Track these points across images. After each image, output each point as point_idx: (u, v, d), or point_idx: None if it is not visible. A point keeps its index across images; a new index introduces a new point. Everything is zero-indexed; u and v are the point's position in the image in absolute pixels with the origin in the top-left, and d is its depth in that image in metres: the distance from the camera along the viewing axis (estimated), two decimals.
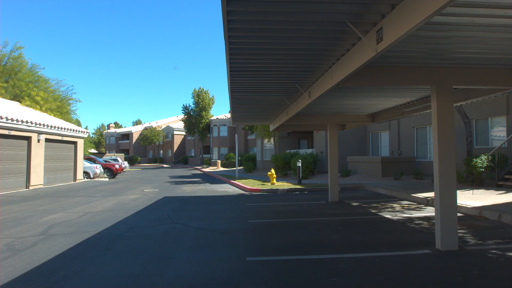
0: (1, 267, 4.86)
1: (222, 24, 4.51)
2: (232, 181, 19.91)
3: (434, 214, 6.43)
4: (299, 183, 16.91)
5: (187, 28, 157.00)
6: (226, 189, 16.76)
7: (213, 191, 15.80)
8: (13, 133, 15.45)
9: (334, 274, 4.53)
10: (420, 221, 7.96)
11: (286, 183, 17.36)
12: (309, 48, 5.62)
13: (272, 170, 17.39)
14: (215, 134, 46.88)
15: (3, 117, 14.46)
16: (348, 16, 4.35)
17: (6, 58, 26.89)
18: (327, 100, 9.58)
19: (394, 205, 10.58)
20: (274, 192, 14.93)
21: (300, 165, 17.36)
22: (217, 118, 46.91)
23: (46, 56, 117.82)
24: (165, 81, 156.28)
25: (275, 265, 4.98)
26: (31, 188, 16.56)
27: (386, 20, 4.20)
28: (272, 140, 28.13)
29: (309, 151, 24.18)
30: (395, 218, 8.45)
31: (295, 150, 24.87)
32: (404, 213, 9.13)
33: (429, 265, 4.90)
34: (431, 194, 11.06)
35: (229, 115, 46.22)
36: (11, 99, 24.00)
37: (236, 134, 23.78)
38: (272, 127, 16.06)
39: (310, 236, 6.75)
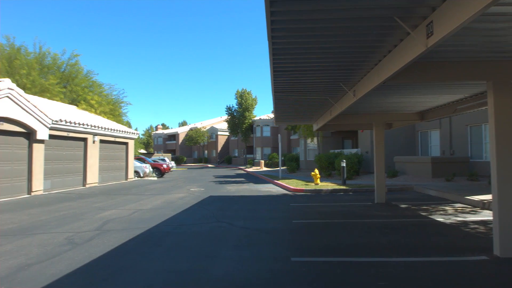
0: (63, 259, 5.24)
1: (265, 25, 4.55)
2: (275, 181, 19.93)
3: (491, 218, 6.03)
4: (344, 184, 16.56)
5: (231, 29, 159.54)
6: (269, 189, 16.82)
7: (257, 191, 15.92)
8: (71, 134, 16.59)
9: (381, 279, 4.39)
10: (476, 225, 7.49)
11: (330, 184, 17.09)
12: (354, 45, 5.50)
13: (316, 170, 17.19)
14: (258, 134, 47.19)
15: (62, 120, 15.58)
16: (396, 11, 4.21)
17: (65, 65, 28.94)
18: (373, 99, 9.31)
19: (446, 207, 10.04)
20: (318, 192, 14.76)
21: (344, 165, 17.01)
22: (260, 118, 47.20)
23: (97, 60, 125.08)
24: (209, 83, 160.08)
25: (320, 266, 4.92)
26: (87, 186, 17.69)
27: (436, 13, 4.01)
28: (315, 140, 27.80)
29: (354, 151, 23.60)
30: (448, 221, 8.01)
31: (339, 150, 24.41)
32: (458, 216, 8.63)
33: (487, 272, 4.60)
34: (487, 197, 10.35)
35: (272, 115, 46.33)
36: (69, 103, 25.79)
37: (279, 134, 23.77)
38: (315, 127, 15.88)
39: (355, 238, 6.60)
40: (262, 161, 39.60)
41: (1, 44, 26.20)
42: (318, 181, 16.94)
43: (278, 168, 23.60)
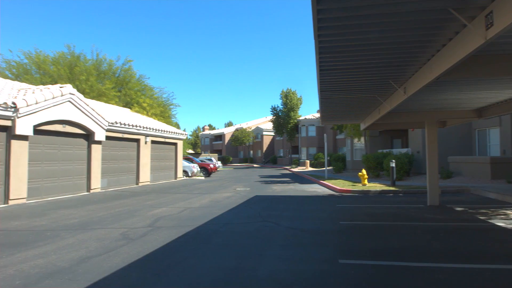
0: (119, 253, 5.56)
1: (311, 23, 4.51)
2: (321, 181, 19.66)
3: None
4: (393, 185, 15.95)
5: (276, 29, 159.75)
6: (315, 189, 16.63)
7: (303, 191, 15.81)
8: (125, 136, 17.54)
9: (435, 285, 4.18)
10: None
11: (378, 185, 16.53)
12: (404, 41, 5.29)
13: (363, 171, 16.72)
14: (303, 134, 46.83)
15: (117, 122, 16.52)
16: (451, 2, 3.99)
17: (119, 70, 30.72)
18: (424, 96, 8.87)
19: (508, 212, 9.32)
20: (365, 193, 14.34)
21: (394, 165, 16.37)
22: (305, 118, 46.82)
23: (148, 64, 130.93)
24: (255, 83, 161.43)
25: (369, 269, 4.79)
26: (140, 184, 18.60)
27: (497, 2, 3.74)
28: (362, 139, 27.04)
29: (404, 150, 22.62)
30: (510, 226, 7.43)
31: (387, 150, 23.53)
32: None
33: None
34: None
35: (317, 115, 45.77)
36: (123, 106, 27.30)
37: (324, 134, 23.41)
38: (362, 126, 15.45)
39: (406, 242, 6.34)
40: (308, 161, 39.23)
41: (63, 53, 28.36)
42: (366, 181, 16.47)
43: (324, 168, 23.25)
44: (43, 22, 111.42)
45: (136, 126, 18.06)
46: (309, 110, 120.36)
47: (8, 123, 10.93)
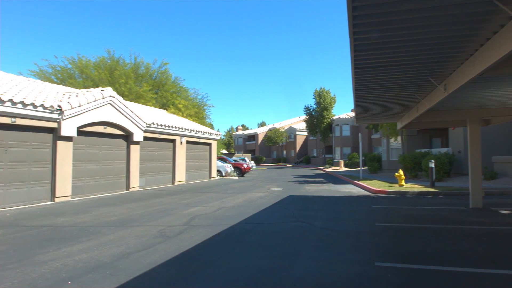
0: (156, 250, 5.74)
1: (346, 20, 4.44)
2: (356, 181, 19.28)
3: None
4: (432, 186, 15.33)
5: (310, 28, 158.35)
6: (350, 189, 16.32)
7: (337, 191, 15.57)
8: (162, 136, 18.06)
9: None
10: None
11: (416, 185, 15.97)
12: (444, 35, 5.08)
13: (400, 171, 16.21)
14: (337, 133, 46.12)
15: (154, 123, 17.05)
16: None
17: (156, 73, 31.75)
18: (467, 93, 8.46)
19: None
20: (402, 194, 13.89)
21: (433, 165, 15.73)
22: (339, 117, 46.08)
23: (182, 66, 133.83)
24: (288, 83, 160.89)
25: (407, 273, 4.64)
26: (175, 184, 19.09)
27: None
28: (399, 138, 26.22)
29: (443, 150, 21.67)
30: None
31: (426, 150, 22.64)
32: None
33: None
34: None
35: (351, 114, 44.88)
36: (160, 107, 28.15)
37: (359, 133, 22.92)
38: (399, 125, 14.97)
39: (447, 245, 6.08)
40: (342, 161, 38.57)
41: (103, 57, 29.69)
42: (403, 182, 15.96)
43: (359, 168, 22.76)
44: (85, 27, 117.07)
45: (172, 127, 18.54)
46: (343, 109, 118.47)
47: (54, 125, 11.58)
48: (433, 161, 15.99)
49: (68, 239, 6.41)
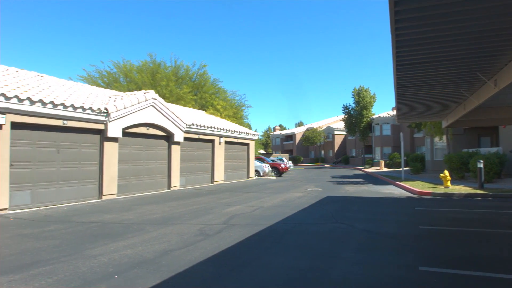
0: (197, 248, 5.89)
1: (386, 16, 4.33)
2: (397, 182, 18.63)
3: None
4: (481, 188, 14.48)
5: (347, 26, 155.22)
6: (391, 190, 15.81)
7: (377, 192, 15.14)
8: (201, 137, 18.48)
9: None
10: None
11: (463, 187, 15.16)
12: (495, 28, 4.80)
13: (446, 172, 15.45)
14: (377, 133, 44.86)
15: (194, 124, 17.48)
16: None
17: (195, 75, 32.58)
18: None
19: None
20: (448, 196, 13.24)
21: (482, 166, 14.84)
22: (379, 116, 44.78)
23: (220, 67, 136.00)
24: (325, 82, 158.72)
25: (453, 279, 4.42)
26: (214, 183, 19.45)
27: None
28: (444, 138, 25.01)
29: (493, 150, 20.36)
30: None
31: (474, 149, 21.41)
32: None
33: None
34: None
35: (392, 113, 43.45)
36: (199, 108, 28.85)
37: (401, 133, 22.12)
38: (444, 124, 14.31)
39: (497, 251, 5.72)
40: (382, 161, 37.40)
41: (146, 61, 30.91)
42: (449, 183, 15.21)
43: (400, 169, 21.96)
44: (129, 32, 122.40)
45: (210, 127, 18.91)
46: (383, 108, 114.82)
47: (101, 126, 12.21)
48: (481, 161, 15.09)
49: (114, 235, 6.74)
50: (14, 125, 9.65)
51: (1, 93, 9.05)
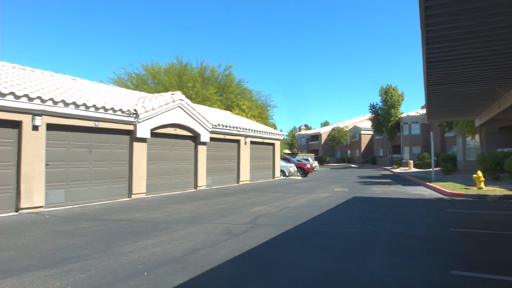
0: (223, 247, 5.96)
1: (415, 13, 4.22)
2: (427, 183, 18.09)
3: None
4: None
5: (373, 24, 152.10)
6: (420, 191, 15.37)
7: (406, 193, 14.76)
8: (227, 137, 18.65)
9: None
10: None
11: (498, 188, 14.53)
12: None
13: (479, 172, 14.86)
14: (405, 132, 43.71)
15: (220, 124, 17.66)
16: None
17: (220, 76, 32.96)
18: None
19: None
20: (482, 198, 12.73)
21: None
22: (407, 115, 43.62)
23: (245, 67, 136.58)
24: (351, 81, 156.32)
25: (488, 284, 4.26)
26: (240, 183, 19.57)
27: None
28: (477, 137, 24.06)
29: None
30: None
31: (509, 149, 20.45)
32: None
33: None
34: None
35: (421, 112, 42.26)
36: (225, 109, 29.13)
37: (431, 132, 21.44)
38: (477, 122, 13.77)
39: None
40: (411, 162, 36.40)
41: (173, 63, 31.54)
42: (482, 184, 14.61)
43: (430, 169, 21.29)
44: (157, 34, 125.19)
45: (236, 127, 19.04)
46: (411, 107, 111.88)
47: (130, 127, 12.56)
48: None
49: (143, 233, 6.92)
50: (50, 127, 10.10)
51: (37, 96, 9.49)
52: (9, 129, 9.28)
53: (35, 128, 9.63)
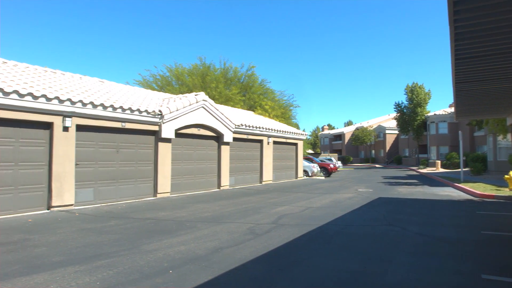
0: (246, 246, 5.99)
1: (443, 8, 4.11)
2: (456, 184, 17.53)
3: None
4: None
5: (398, 21, 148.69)
6: (448, 192, 14.91)
7: (433, 194, 14.36)
8: (249, 137, 18.71)
9: None
10: None
11: None
12: None
13: (511, 173, 14.26)
14: (432, 131, 42.46)
15: (243, 124, 17.74)
16: None
17: (243, 76, 33.14)
18: None
19: None
20: None
21: None
22: (434, 114, 42.34)
23: (267, 67, 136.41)
24: (376, 80, 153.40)
25: None
26: (263, 183, 19.59)
27: None
28: (509, 136, 23.07)
29: None
30: None
31: None
32: None
33: None
34: None
35: (449, 110, 40.97)
36: (247, 109, 29.24)
37: (459, 131, 20.77)
38: (509, 121, 13.22)
39: None
40: (439, 162, 35.33)
41: (196, 64, 31.96)
42: None
43: (459, 170, 20.62)
44: (180, 35, 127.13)
45: (259, 127, 19.07)
46: (438, 105, 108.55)
47: (156, 128, 12.82)
48: None
49: (168, 232, 7.05)
50: (79, 128, 10.45)
51: (67, 98, 9.85)
52: (41, 130, 9.67)
53: (65, 129, 9.98)
